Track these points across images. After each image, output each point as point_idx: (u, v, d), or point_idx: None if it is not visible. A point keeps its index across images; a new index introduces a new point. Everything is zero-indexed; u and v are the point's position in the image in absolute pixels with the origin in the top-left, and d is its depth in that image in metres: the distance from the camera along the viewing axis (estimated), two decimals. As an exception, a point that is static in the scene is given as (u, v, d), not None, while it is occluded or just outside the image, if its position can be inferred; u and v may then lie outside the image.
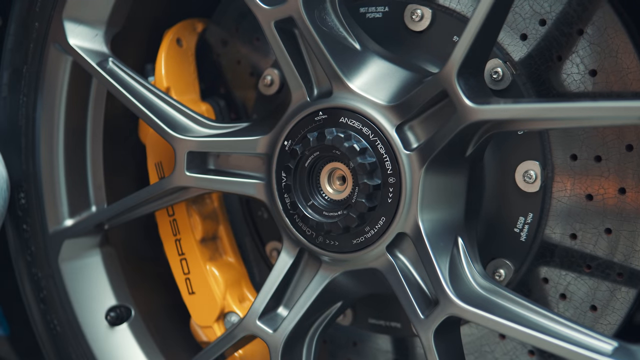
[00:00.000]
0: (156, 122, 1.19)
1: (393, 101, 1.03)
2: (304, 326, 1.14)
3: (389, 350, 1.29)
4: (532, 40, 1.10)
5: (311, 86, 1.09)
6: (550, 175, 1.10)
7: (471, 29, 0.94)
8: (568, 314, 1.12)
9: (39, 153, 1.33)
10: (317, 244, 1.09)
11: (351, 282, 1.12)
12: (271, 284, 1.13)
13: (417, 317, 1.02)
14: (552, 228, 1.11)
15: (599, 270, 1.09)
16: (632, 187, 1.06)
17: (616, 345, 0.90)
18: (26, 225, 1.35)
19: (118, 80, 1.22)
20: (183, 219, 1.30)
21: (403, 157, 1.01)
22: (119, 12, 1.28)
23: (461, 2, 1.13)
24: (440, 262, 1.01)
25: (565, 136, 1.09)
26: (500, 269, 1.14)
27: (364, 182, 1.02)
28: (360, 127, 1.03)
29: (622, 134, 1.06)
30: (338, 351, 1.34)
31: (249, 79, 1.35)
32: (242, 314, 1.30)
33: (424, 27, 1.15)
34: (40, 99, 1.30)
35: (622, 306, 1.09)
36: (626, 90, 1.04)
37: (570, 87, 1.08)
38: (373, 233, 1.04)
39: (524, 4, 1.09)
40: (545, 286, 1.13)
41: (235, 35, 1.36)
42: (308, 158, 1.07)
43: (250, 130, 1.16)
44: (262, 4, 1.07)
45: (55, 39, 1.26)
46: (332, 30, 1.07)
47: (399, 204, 1.02)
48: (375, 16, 1.18)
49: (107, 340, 1.35)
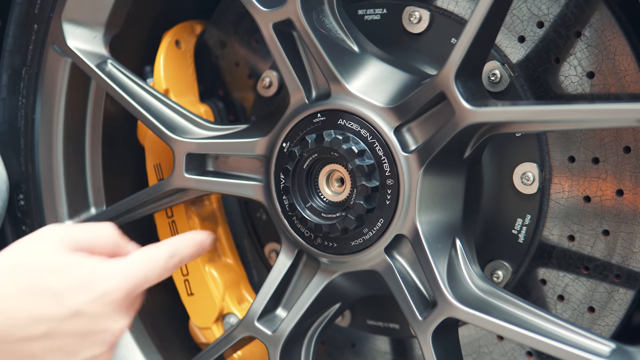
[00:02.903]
0: (155, 124, 1.19)
1: (391, 103, 1.03)
2: (302, 327, 1.14)
3: (387, 351, 1.29)
4: (529, 43, 1.10)
5: (309, 88, 1.09)
6: (548, 177, 1.10)
7: (469, 31, 0.95)
8: (566, 316, 1.13)
9: (38, 154, 1.33)
10: (316, 245, 1.09)
11: (349, 283, 1.13)
12: (270, 285, 1.13)
13: (415, 319, 1.02)
14: (550, 230, 1.11)
15: (597, 272, 1.10)
16: (629, 189, 1.06)
17: (614, 347, 0.91)
18: (25, 226, 1.35)
19: (117, 82, 1.22)
20: (182, 220, 1.30)
21: (401, 159, 1.01)
22: (118, 14, 1.28)
23: (459, 4, 1.13)
24: (438, 263, 1.01)
25: (563, 138, 1.09)
26: (498, 271, 1.14)
27: (362, 184, 1.02)
28: (358, 129, 1.03)
29: (619, 135, 1.06)
30: (336, 352, 1.34)
31: (248, 80, 1.35)
32: (240, 315, 1.30)
33: (422, 29, 1.15)
34: (40, 101, 1.31)
35: (620, 308, 1.09)
36: (623, 92, 1.05)
37: (568, 89, 1.08)
38: (371, 235, 1.05)
39: (522, 6, 1.09)
40: (543, 288, 1.14)
41: (233, 37, 1.36)
42: (306, 160, 1.07)
43: (248, 132, 1.16)
44: (260, 6, 1.07)
45: (54, 41, 1.26)
46: (330, 32, 1.08)
47: (397, 206, 1.02)
48: (373, 18, 1.19)
49: (106, 342, 1.35)
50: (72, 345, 0.86)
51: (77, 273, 0.86)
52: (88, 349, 0.87)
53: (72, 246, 0.89)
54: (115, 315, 0.88)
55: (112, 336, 0.89)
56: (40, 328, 0.84)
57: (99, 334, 0.87)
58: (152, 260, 0.92)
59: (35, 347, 0.84)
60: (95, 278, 0.87)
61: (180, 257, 0.96)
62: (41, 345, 0.85)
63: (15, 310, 0.83)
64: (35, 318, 0.84)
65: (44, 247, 0.88)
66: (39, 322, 0.84)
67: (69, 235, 0.90)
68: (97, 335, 0.87)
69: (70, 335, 0.85)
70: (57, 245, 0.88)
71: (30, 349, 0.84)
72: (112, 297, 0.87)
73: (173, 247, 0.96)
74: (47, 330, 0.84)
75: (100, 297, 0.86)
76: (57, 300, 0.85)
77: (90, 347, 0.87)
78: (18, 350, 0.84)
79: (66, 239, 0.90)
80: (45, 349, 0.85)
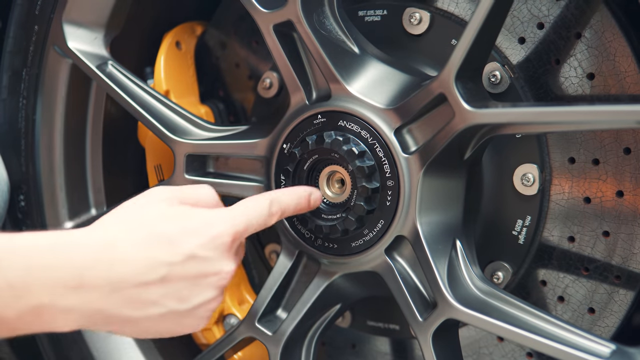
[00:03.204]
0: (155, 125, 1.19)
1: (391, 104, 1.03)
2: (303, 328, 1.14)
3: (388, 352, 1.30)
4: (530, 44, 1.10)
5: (310, 89, 1.09)
6: (548, 178, 1.10)
7: (469, 32, 0.95)
8: (566, 317, 1.13)
9: (39, 155, 1.33)
10: (316, 246, 1.09)
11: (350, 284, 1.13)
12: (270, 286, 1.13)
13: (415, 320, 1.02)
14: (550, 231, 1.11)
15: (597, 273, 1.10)
16: (629, 190, 1.06)
17: (614, 348, 0.91)
18: (25, 227, 1.35)
19: (117, 83, 1.23)
20: (182, 221, 1.30)
21: (401, 160, 1.02)
22: (118, 15, 1.28)
23: (459, 5, 1.13)
24: (439, 265, 1.01)
25: (563, 139, 1.09)
26: (498, 272, 1.14)
27: (362, 185, 1.03)
28: (358, 130, 1.04)
29: (619, 137, 1.06)
30: (337, 353, 1.34)
31: (248, 81, 1.35)
32: (241, 316, 1.30)
33: (423, 31, 1.15)
34: (40, 102, 1.31)
35: (620, 309, 1.09)
36: (624, 93, 1.05)
37: (568, 90, 1.08)
38: (372, 236, 1.05)
39: (522, 7, 1.10)
40: (543, 289, 1.14)
41: (234, 38, 1.36)
42: (307, 161, 1.07)
43: (249, 133, 1.16)
44: (261, 7, 1.07)
45: (54, 42, 1.26)
46: (330, 33, 1.08)
47: (398, 207, 1.02)
48: (374, 19, 1.19)
49: (106, 343, 1.35)
50: (185, 290, 0.91)
51: (188, 221, 0.92)
52: (200, 294, 0.92)
53: (179, 202, 0.95)
54: (224, 259, 0.93)
55: (222, 279, 0.93)
56: (158, 272, 0.88)
57: (210, 276, 0.92)
58: (254, 207, 0.98)
59: (152, 292, 0.88)
60: (205, 224, 0.92)
61: (280, 203, 1.01)
62: (158, 290, 0.89)
63: (134, 258, 0.88)
64: (154, 263, 0.88)
65: (154, 201, 0.94)
66: (157, 267, 0.88)
67: (174, 193, 0.96)
68: (208, 278, 0.92)
69: (185, 278, 0.90)
70: (166, 200, 0.95)
71: (147, 295, 0.88)
72: (221, 240, 0.92)
73: (273, 195, 1.01)
74: (164, 274, 0.89)
75: (210, 241, 0.92)
76: (172, 246, 0.90)
77: (202, 292, 0.92)
78: (135, 296, 0.88)
79: (172, 195, 0.95)
80: (161, 294, 0.89)
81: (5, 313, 0.81)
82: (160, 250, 0.89)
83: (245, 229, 0.96)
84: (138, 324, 0.90)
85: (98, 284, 0.85)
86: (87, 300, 0.85)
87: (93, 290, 0.85)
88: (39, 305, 0.82)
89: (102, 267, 0.86)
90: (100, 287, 0.85)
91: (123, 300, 0.87)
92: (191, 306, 0.92)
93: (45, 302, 0.82)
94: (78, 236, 0.88)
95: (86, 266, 0.85)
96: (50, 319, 0.84)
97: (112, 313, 0.87)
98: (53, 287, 0.83)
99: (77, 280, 0.84)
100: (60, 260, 0.84)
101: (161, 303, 0.90)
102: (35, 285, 0.82)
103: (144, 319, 0.90)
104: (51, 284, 0.83)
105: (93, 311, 0.86)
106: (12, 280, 0.81)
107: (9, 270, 0.81)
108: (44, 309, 0.83)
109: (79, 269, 0.84)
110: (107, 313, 0.87)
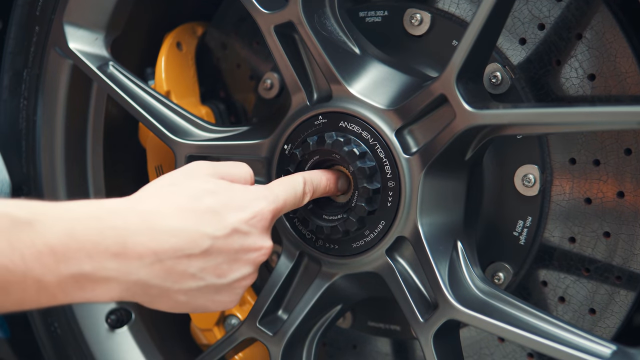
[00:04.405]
0: (156, 125, 1.19)
1: (392, 105, 1.03)
2: (303, 329, 1.14)
3: (389, 353, 1.30)
4: (531, 45, 1.10)
5: (311, 90, 1.09)
6: (549, 178, 1.11)
7: (470, 33, 0.95)
8: (567, 317, 1.13)
9: (40, 156, 1.33)
10: (317, 247, 1.09)
11: (351, 285, 1.13)
12: (271, 287, 1.14)
13: (416, 321, 1.02)
14: (551, 231, 1.12)
15: (598, 274, 1.10)
16: (630, 191, 1.06)
17: (615, 349, 0.91)
18: (26, 228, 1.35)
19: (118, 84, 1.23)
20: (183, 222, 1.30)
21: (402, 161, 1.02)
22: (119, 16, 1.28)
23: (460, 6, 1.13)
24: (440, 265, 1.01)
25: (564, 140, 1.09)
26: (499, 273, 1.14)
27: (363, 186, 1.03)
28: (359, 131, 1.04)
29: (620, 137, 1.06)
30: (338, 354, 1.34)
31: (249, 82, 1.35)
32: (242, 317, 1.30)
33: (424, 32, 1.15)
34: (41, 102, 1.31)
35: (620, 309, 1.09)
36: (624, 94, 1.05)
37: (569, 91, 1.08)
38: (373, 237, 1.05)
39: (523, 8, 1.10)
40: (544, 289, 1.14)
41: (234, 38, 1.36)
42: (308, 162, 1.07)
43: (250, 134, 1.16)
44: (261, 8, 1.07)
45: (55, 43, 1.26)
46: (331, 34, 1.08)
47: (399, 208, 1.02)
48: (375, 20, 1.19)
49: (107, 343, 1.35)
50: (225, 264, 0.90)
51: (232, 195, 0.92)
52: (239, 270, 0.92)
53: (219, 177, 0.95)
54: (264, 235, 0.94)
55: (262, 255, 0.94)
56: (202, 245, 0.88)
57: (251, 252, 0.92)
58: (290, 186, 1.00)
59: (193, 265, 0.88)
60: (248, 200, 0.93)
61: (312, 183, 1.02)
62: (198, 263, 0.88)
63: (179, 228, 0.87)
64: (198, 236, 0.88)
65: (197, 174, 0.94)
66: (201, 239, 0.88)
67: (214, 168, 0.96)
68: (249, 254, 0.92)
69: (227, 252, 0.90)
70: (208, 174, 0.95)
71: (187, 267, 0.87)
72: (261, 217, 0.93)
73: (305, 175, 1.03)
74: (207, 247, 0.88)
75: (252, 216, 0.92)
76: (217, 219, 0.89)
77: (241, 267, 0.92)
78: (174, 268, 0.87)
79: (213, 171, 0.96)
80: (201, 267, 0.88)
81: (46, 278, 0.79)
82: (204, 223, 0.88)
83: (281, 207, 0.97)
84: (174, 297, 0.89)
85: (141, 252, 0.84)
86: (128, 269, 0.83)
87: (135, 259, 0.84)
88: (79, 273, 0.80)
89: (146, 235, 0.85)
90: (143, 256, 0.84)
91: (164, 271, 0.86)
92: (228, 281, 0.91)
93: (86, 269, 0.81)
94: (122, 203, 0.88)
95: (130, 232, 0.84)
96: (90, 287, 0.82)
97: (152, 284, 0.85)
98: (96, 254, 0.81)
99: (120, 246, 0.83)
100: (104, 226, 0.83)
101: (200, 276, 0.89)
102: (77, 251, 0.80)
103: (181, 293, 0.89)
104: (94, 249, 0.81)
105: (133, 282, 0.84)
106: (54, 244, 0.79)
107: (51, 234, 0.79)
108: (85, 277, 0.81)
109: (122, 236, 0.83)
110: (146, 284, 0.85)
